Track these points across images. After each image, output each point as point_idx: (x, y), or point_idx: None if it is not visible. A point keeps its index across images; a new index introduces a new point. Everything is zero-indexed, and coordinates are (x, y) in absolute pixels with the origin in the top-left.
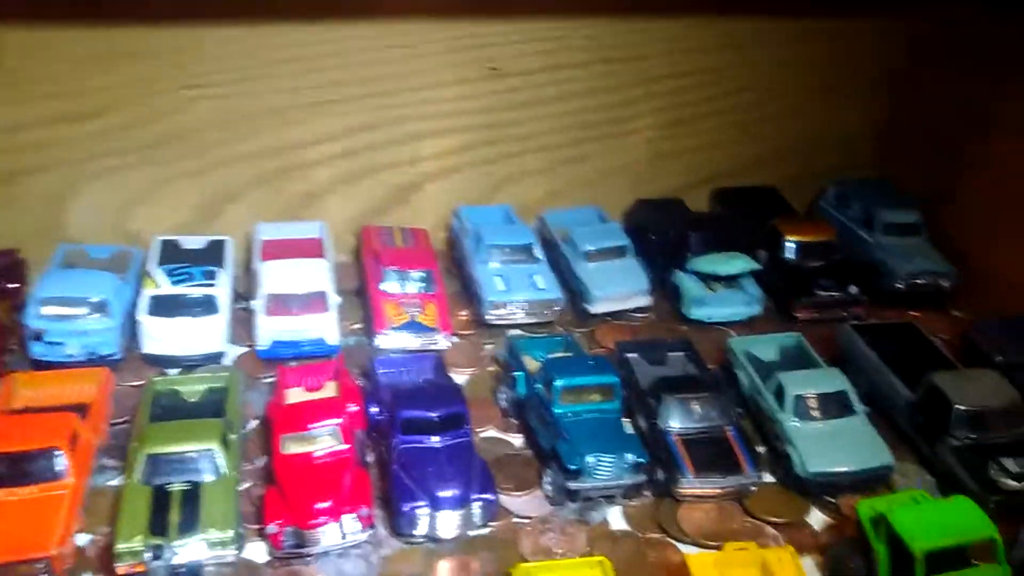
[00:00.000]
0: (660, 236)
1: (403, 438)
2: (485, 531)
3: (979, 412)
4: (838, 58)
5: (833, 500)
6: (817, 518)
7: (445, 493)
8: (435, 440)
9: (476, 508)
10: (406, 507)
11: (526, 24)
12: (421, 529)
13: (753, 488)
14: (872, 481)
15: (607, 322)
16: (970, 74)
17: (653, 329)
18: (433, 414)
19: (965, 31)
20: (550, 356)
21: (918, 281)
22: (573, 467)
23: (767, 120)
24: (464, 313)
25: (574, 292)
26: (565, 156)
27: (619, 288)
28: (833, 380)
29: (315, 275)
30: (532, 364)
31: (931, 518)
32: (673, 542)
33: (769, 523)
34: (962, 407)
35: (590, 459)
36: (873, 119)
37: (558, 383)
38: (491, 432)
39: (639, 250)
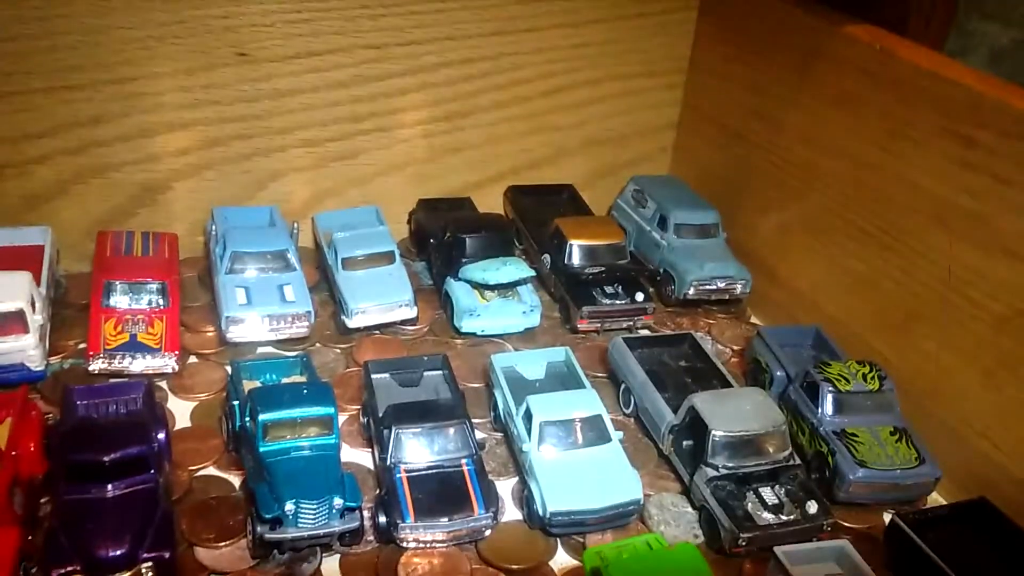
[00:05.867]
0: (437, 240)
1: (68, 487)
2: None
3: (738, 438)
4: (637, 44)
5: (581, 540)
6: (563, 562)
7: (104, 554)
8: (105, 489)
9: (146, 569)
10: (55, 574)
11: (276, 4)
12: None
13: (487, 531)
14: (621, 518)
15: (372, 336)
16: (761, 72)
17: (425, 344)
18: (104, 457)
19: (761, 25)
20: (258, 386)
21: (709, 287)
22: (269, 515)
23: (561, 112)
24: (211, 329)
25: (338, 304)
26: (335, 152)
27: (379, 299)
28: (587, 403)
29: (12, 290)
30: None
31: (650, 571)
32: None
33: (504, 570)
34: (719, 432)
35: (289, 505)
36: (668, 113)
37: (262, 417)
38: (210, 470)
39: (422, 255)
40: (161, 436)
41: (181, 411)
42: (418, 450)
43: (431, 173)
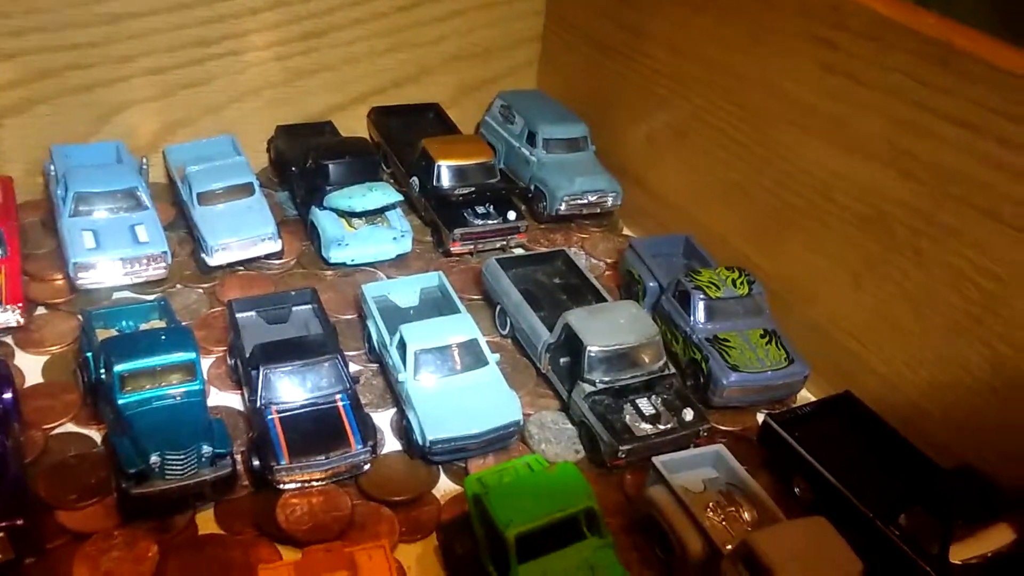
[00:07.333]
0: (299, 168)
1: None
2: (31, 560)
3: (613, 352)
4: None
5: (463, 466)
6: (446, 488)
7: None
8: None
9: None
10: None
11: None
12: None
13: (366, 465)
14: (502, 440)
15: (236, 273)
16: None
17: (293, 278)
18: None
19: None
20: (111, 336)
21: (580, 201)
22: (133, 470)
23: (422, 27)
24: (59, 277)
25: (197, 242)
26: (184, 79)
27: (240, 234)
28: (461, 328)
29: None
30: None
31: (530, 494)
32: (273, 541)
33: (387, 503)
34: (594, 348)
35: (154, 458)
36: (532, 24)
37: (117, 368)
38: (67, 427)
39: (284, 185)
40: (7, 395)
41: (31, 366)
42: (289, 389)
43: (289, 97)
